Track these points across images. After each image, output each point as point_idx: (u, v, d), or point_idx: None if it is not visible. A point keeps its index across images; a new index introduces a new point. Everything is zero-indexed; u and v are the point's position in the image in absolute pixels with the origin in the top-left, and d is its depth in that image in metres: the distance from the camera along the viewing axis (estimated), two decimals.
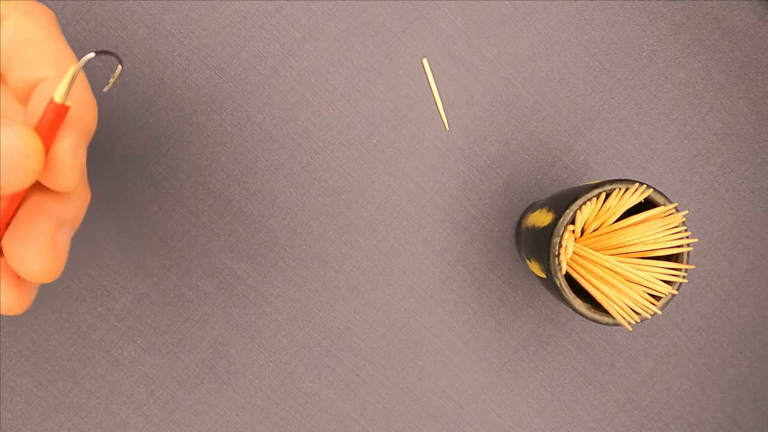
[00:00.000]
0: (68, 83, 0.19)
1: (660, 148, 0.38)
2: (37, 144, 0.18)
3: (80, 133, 0.20)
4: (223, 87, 0.36)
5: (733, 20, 0.37)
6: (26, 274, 0.20)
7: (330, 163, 0.37)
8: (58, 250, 0.20)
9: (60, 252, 0.20)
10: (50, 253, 0.20)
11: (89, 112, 0.21)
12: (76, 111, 0.20)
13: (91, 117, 0.21)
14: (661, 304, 0.29)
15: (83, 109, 0.21)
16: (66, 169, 0.20)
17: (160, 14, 0.35)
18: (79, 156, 0.20)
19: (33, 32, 0.20)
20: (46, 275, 0.20)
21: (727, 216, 0.38)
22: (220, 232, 0.36)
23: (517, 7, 0.37)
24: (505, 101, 0.37)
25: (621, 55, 0.37)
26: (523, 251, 0.35)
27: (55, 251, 0.20)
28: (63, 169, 0.20)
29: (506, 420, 0.38)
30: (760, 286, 0.38)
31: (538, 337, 0.38)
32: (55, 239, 0.20)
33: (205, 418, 0.37)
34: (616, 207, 0.29)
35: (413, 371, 0.37)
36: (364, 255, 0.37)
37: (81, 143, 0.20)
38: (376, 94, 0.36)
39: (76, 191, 0.22)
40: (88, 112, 0.21)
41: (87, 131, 0.21)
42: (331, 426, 0.37)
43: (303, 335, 0.37)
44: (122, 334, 0.36)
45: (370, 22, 0.36)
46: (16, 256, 0.20)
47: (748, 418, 0.39)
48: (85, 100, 0.21)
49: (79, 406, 0.36)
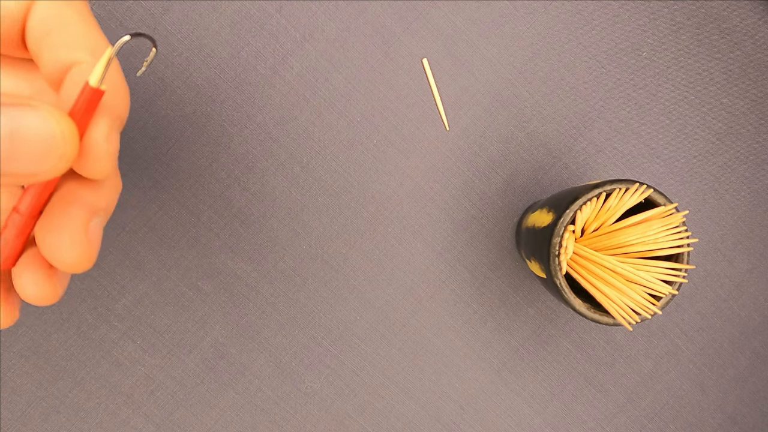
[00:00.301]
0: (104, 67, 0.18)
1: (660, 148, 0.38)
2: (72, 129, 0.18)
3: (114, 119, 0.20)
4: (223, 87, 0.36)
5: (733, 20, 0.37)
6: (59, 264, 0.19)
7: (330, 163, 0.37)
8: (92, 240, 0.20)
9: (93, 241, 0.20)
10: (84, 243, 0.20)
11: (122, 98, 0.21)
12: (109, 96, 0.20)
13: (124, 102, 0.21)
14: (661, 304, 0.29)
15: (116, 94, 0.20)
16: (100, 155, 0.19)
17: (160, 14, 0.35)
18: (113, 142, 0.20)
19: (66, 14, 0.20)
20: (79, 265, 0.20)
21: (727, 216, 0.38)
22: (220, 232, 0.36)
23: (517, 7, 0.37)
24: (505, 101, 0.37)
25: (621, 55, 0.37)
26: (523, 251, 0.35)
27: (88, 241, 0.20)
28: (97, 155, 0.19)
29: (506, 420, 0.38)
30: (760, 286, 0.38)
31: (538, 337, 0.38)
32: (89, 228, 0.20)
33: (205, 418, 0.37)
34: (616, 207, 0.29)
35: (413, 371, 0.37)
36: (364, 255, 0.37)
37: (115, 129, 0.20)
38: (376, 94, 0.36)
39: (109, 180, 0.21)
40: (121, 97, 0.20)
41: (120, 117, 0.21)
42: (331, 426, 0.37)
43: (303, 335, 0.37)
44: (122, 334, 0.36)
45: (370, 22, 0.36)
46: (49, 245, 0.19)
47: (748, 418, 0.39)
48: (119, 84, 0.20)
49: (79, 406, 0.36)
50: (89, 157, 0.19)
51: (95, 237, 0.20)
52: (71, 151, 0.18)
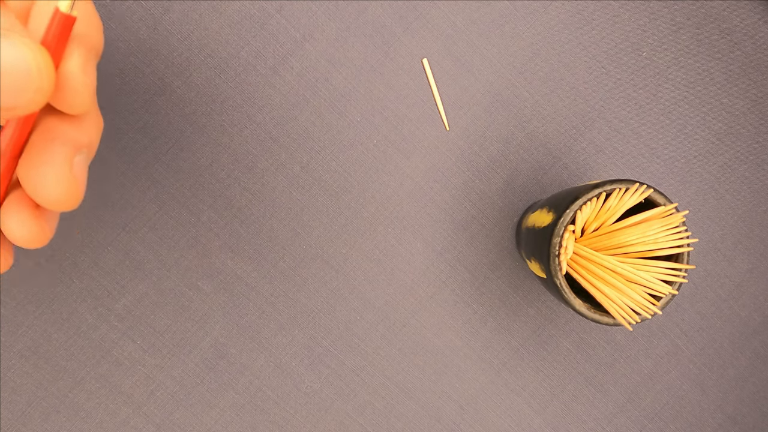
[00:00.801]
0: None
1: (660, 148, 0.38)
2: (46, 59, 0.17)
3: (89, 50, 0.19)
4: (223, 87, 0.36)
5: (733, 20, 0.37)
6: (45, 201, 0.19)
7: (330, 163, 0.37)
8: (77, 176, 0.19)
9: (78, 177, 0.19)
10: (69, 178, 0.19)
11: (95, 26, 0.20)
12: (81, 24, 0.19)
13: (97, 32, 0.20)
14: (661, 304, 0.29)
15: (89, 23, 0.19)
16: (77, 87, 0.18)
17: (161, 14, 0.35)
18: (90, 74, 0.19)
19: None
20: (65, 202, 0.19)
21: (727, 216, 0.38)
22: (220, 232, 0.36)
23: (517, 7, 0.37)
24: (505, 101, 0.37)
25: (621, 55, 0.37)
26: (523, 251, 0.35)
27: (73, 176, 0.19)
28: (74, 87, 0.18)
29: (506, 420, 0.38)
30: (760, 286, 0.38)
31: (538, 337, 0.38)
32: (73, 164, 0.19)
33: (205, 418, 0.37)
34: (616, 207, 0.29)
35: (413, 371, 0.37)
36: (364, 255, 0.37)
37: (90, 60, 0.19)
38: (376, 94, 0.36)
39: (89, 115, 0.20)
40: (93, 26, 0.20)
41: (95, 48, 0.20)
42: (331, 426, 0.37)
43: (303, 335, 0.37)
44: (122, 334, 0.36)
45: (370, 22, 0.36)
46: (33, 182, 0.19)
47: (748, 418, 0.39)
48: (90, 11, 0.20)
49: (79, 406, 0.36)
50: (66, 90, 0.18)
51: (80, 173, 0.20)
52: (47, 83, 0.17)
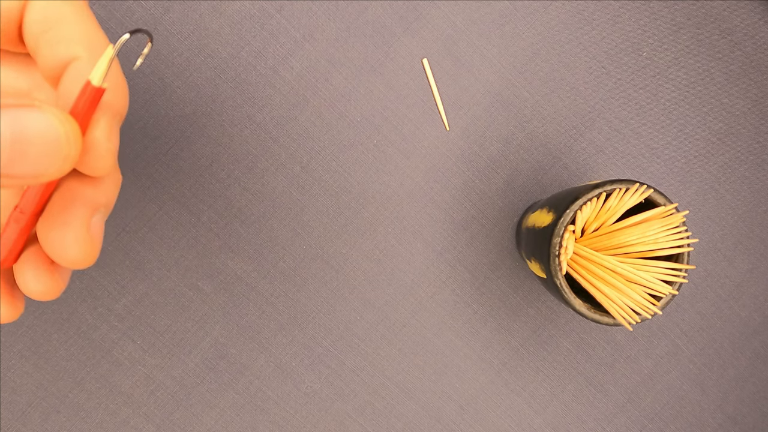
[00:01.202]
0: (106, 66, 0.18)
1: (660, 148, 0.38)
2: (75, 130, 0.18)
3: (114, 116, 0.20)
4: (224, 87, 0.36)
5: (733, 20, 0.37)
6: (63, 261, 0.20)
7: (330, 163, 0.37)
8: (94, 236, 0.20)
9: (95, 237, 0.20)
10: (86, 239, 0.20)
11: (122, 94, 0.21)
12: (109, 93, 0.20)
13: (123, 98, 0.21)
14: (661, 304, 0.29)
15: (117, 91, 0.20)
16: (101, 153, 0.19)
17: (161, 14, 0.35)
18: (114, 140, 0.20)
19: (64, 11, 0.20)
20: (82, 261, 0.20)
21: (728, 216, 0.38)
22: (220, 232, 0.36)
23: (517, 7, 0.37)
24: (506, 101, 0.37)
25: (621, 55, 0.37)
26: (523, 251, 0.35)
27: (90, 237, 0.20)
28: (98, 153, 0.19)
29: (506, 420, 0.38)
30: (760, 287, 0.38)
31: (539, 338, 0.38)
32: (90, 225, 0.20)
33: (205, 418, 0.37)
34: (616, 207, 0.29)
35: (413, 371, 0.37)
36: (364, 255, 0.37)
37: (115, 126, 0.20)
38: (376, 94, 0.36)
39: (109, 175, 0.21)
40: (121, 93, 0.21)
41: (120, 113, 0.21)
42: (331, 426, 0.37)
43: (303, 335, 0.37)
44: (122, 334, 0.36)
45: (370, 22, 0.36)
46: (52, 242, 0.19)
47: (748, 418, 0.39)
48: (119, 81, 0.20)
49: (79, 406, 0.36)
50: (91, 156, 0.19)
51: (97, 233, 0.20)
52: (75, 151, 0.18)
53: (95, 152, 0.19)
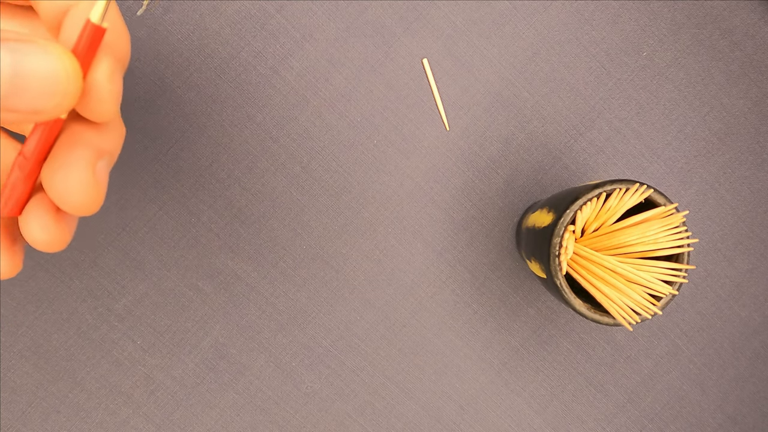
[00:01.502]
0: (105, 3, 0.18)
1: (660, 148, 0.38)
2: (75, 66, 0.18)
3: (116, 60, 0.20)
4: (224, 87, 0.36)
5: (733, 20, 0.37)
6: (67, 205, 0.19)
7: (330, 163, 0.37)
8: (99, 181, 0.20)
9: (100, 183, 0.20)
10: (91, 183, 0.19)
11: (123, 38, 0.20)
12: (110, 36, 0.20)
13: (125, 43, 0.20)
14: (661, 304, 0.29)
15: (117, 34, 0.20)
16: (104, 95, 0.19)
17: (161, 14, 0.35)
18: (116, 83, 0.19)
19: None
20: (87, 206, 0.20)
21: (728, 216, 0.38)
22: (220, 232, 0.36)
23: (517, 7, 0.37)
24: (506, 101, 0.37)
25: (621, 55, 0.37)
26: (523, 251, 0.35)
27: (95, 181, 0.20)
28: (101, 95, 0.19)
29: (506, 420, 0.38)
30: (760, 287, 0.38)
31: (539, 338, 0.38)
32: (95, 169, 0.20)
33: (205, 418, 0.37)
34: (616, 207, 0.29)
35: (413, 371, 0.37)
36: (364, 255, 0.37)
37: (117, 70, 0.20)
38: (376, 94, 0.36)
39: (113, 123, 0.21)
40: (122, 37, 0.20)
41: (122, 59, 0.20)
42: (331, 426, 0.37)
43: (303, 335, 0.37)
44: (122, 334, 0.36)
45: (370, 22, 0.36)
46: (56, 185, 0.19)
47: (748, 418, 0.39)
48: (119, 24, 0.20)
49: (79, 406, 0.36)
50: (93, 98, 0.19)
51: (102, 179, 0.20)
52: (75, 89, 0.18)
53: (97, 94, 0.19)
